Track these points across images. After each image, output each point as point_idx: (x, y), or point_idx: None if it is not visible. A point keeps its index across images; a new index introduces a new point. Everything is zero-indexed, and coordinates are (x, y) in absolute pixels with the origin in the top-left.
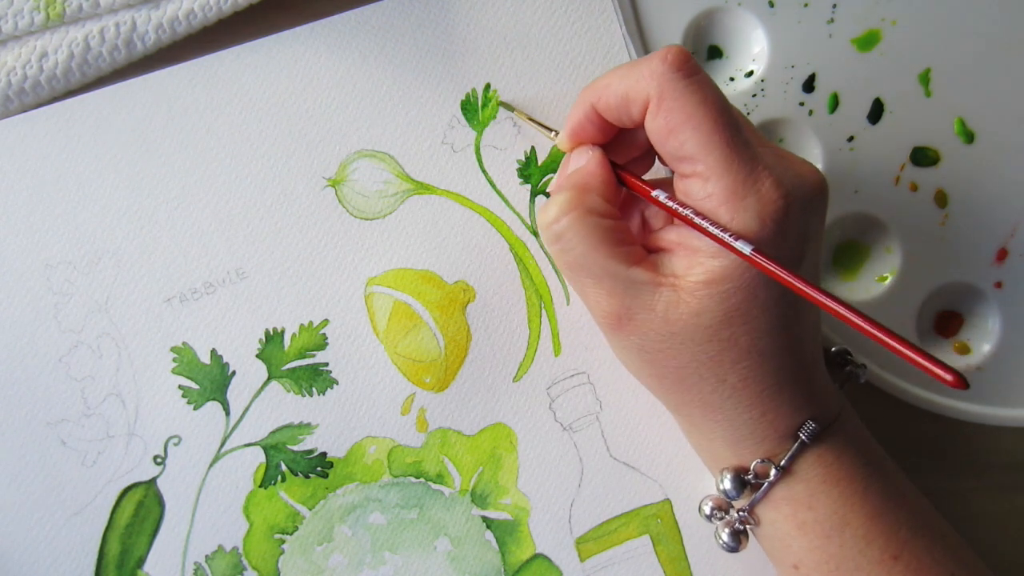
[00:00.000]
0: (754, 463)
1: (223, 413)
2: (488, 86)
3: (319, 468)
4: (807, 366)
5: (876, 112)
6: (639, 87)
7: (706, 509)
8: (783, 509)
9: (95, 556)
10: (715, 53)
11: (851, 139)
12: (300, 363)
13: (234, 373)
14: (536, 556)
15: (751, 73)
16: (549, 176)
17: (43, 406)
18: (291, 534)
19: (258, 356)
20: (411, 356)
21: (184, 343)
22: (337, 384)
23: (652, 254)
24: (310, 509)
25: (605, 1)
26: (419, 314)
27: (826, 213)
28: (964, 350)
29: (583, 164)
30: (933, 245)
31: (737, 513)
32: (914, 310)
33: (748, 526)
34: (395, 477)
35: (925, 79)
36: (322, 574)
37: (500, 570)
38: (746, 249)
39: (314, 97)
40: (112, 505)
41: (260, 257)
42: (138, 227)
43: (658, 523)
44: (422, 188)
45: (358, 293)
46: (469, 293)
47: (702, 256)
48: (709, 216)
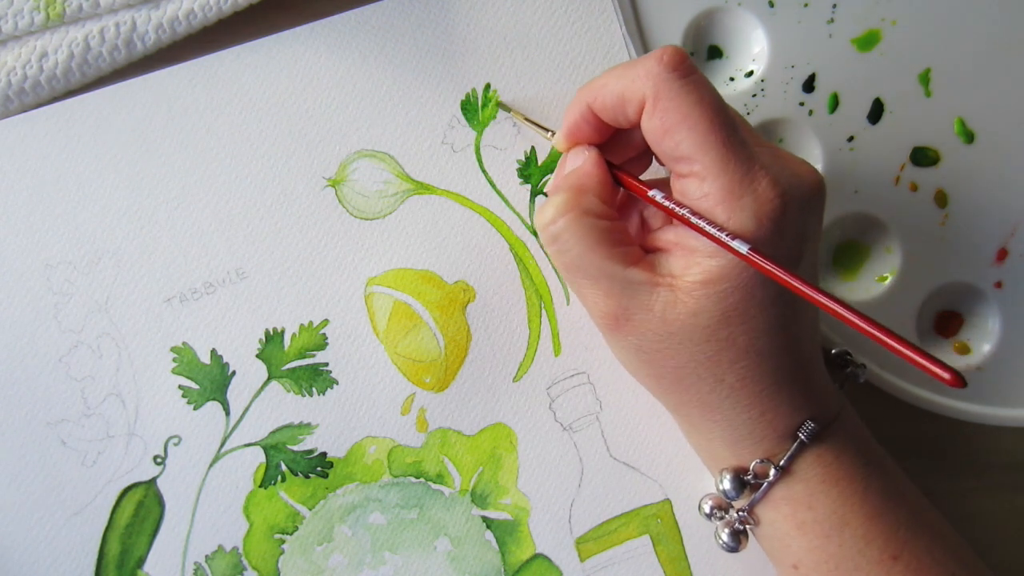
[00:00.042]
0: (753, 463)
1: (223, 413)
2: (488, 86)
3: (319, 468)
4: (805, 365)
5: (876, 112)
6: (635, 87)
7: (706, 509)
8: (782, 509)
9: (95, 556)
10: (715, 53)
11: (851, 139)
12: (300, 363)
13: (234, 373)
14: (536, 556)
15: (751, 73)
16: (549, 176)
17: (43, 406)
18: (291, 534)
19: (258, 356)
20: (411, 356)
21: (184, 343)
22: (337, 384)
23: (650, 254)
24: (310, 509)
25: (605, 1)
26: (419, 314)
27: (823, 213)
28: (964, 350)
29: (579, 165)
30: (933, 245)
31: (737, 513)
32: (914, 310)
33: (748, 526)
34: (395, 477)
35: (925, 79)
36: (322, 574)
37: (500, 570)
38: (743, 248)
39: (314, 97)
40: (112, 505)
41: (260, 257)
42: (138, 227)
43: (658, 523)
44: (422, 188)
45: (358, 293)
46: (469, 293)
47: (699, 256)
48: (706, 216)
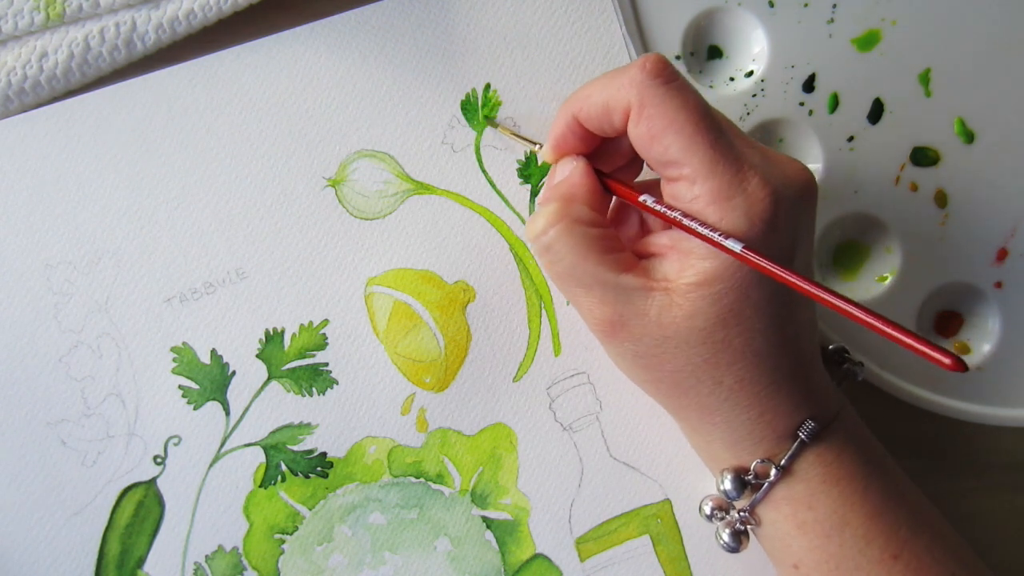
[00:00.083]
0: (754, 463)
1: (223, 413)
2: (488, 86)
3: (319, 468)
4: (804, 365)
5: (876, 112)
6: (619, 96)
7: (706, 509)
8: (783, 509)
9: (95, 556)
10: (715, 53)
11: (851, 139)
12: (300, 363)
13: (234, 373)
14: (536, 556)
15: (751, 73)
16: None
17: (43, 406)
18: (291, 534)
19: (258, 356)
20: (411, 356)
21: (184, 343)
22: (337, 384)
23: (644, 260)
24: (310, 509)
25: (605, 1)
26: (419, 314)
27: (816, 211)
28: (964, 350)
29: (568, 175)
30: (933, 245)
31: (738, 513)
32: (914, 310)
33: (749, 526)
34: (395, 477)
35: (925, 79)
36: (322, 574)
37: (500, 570)
38: (736, 247)
39: (314, 97)
40: (112, 505)
41: (260, 257)
42: (138, 227)
43: (658, 523)
44: (422, 188)
45: (358, 293)
46: (469, 293)
47: (694, 258)
48: (698, 217)
